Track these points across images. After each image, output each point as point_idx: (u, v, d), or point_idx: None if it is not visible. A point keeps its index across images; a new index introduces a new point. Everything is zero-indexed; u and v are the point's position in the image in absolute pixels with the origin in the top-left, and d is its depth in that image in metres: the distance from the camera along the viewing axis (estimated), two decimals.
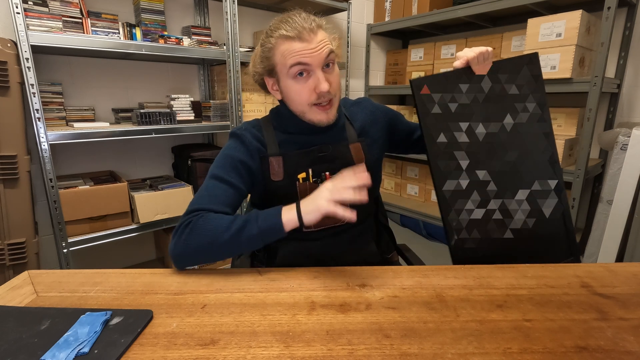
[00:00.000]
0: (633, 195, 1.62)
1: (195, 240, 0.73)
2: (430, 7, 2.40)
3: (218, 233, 0.72)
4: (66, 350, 0.51)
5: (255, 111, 2.12)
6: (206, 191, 0.81)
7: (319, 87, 0.78)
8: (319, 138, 0.88)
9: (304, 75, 0.79)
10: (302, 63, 0.77)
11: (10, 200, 1.39)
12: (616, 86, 1.94)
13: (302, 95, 0.80)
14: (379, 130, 0.97)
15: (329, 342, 0.54)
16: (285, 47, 0.78)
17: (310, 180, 0.86)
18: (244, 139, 0.87)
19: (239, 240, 0.72)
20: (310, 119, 0.83)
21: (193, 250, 0.73)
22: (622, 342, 0.55)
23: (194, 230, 0.73)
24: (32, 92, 1.37)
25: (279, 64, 0.80)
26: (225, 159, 0.85)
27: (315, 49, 0.77)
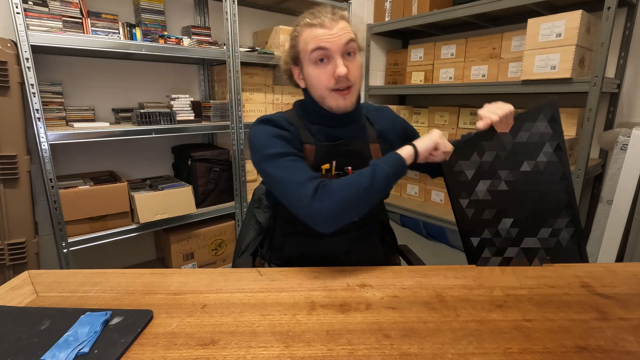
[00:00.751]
0: (633, 195, 1.62)
1: (340, 195, 0.74)
2: (430, 7, 2.40)
3: (356, 183, 0.75)
4: (66, 350, 0.51)
5: (255, 111, 2.12)
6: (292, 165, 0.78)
7: (337, 71, 0.80)
8: (342, 131, 0.90)
9: (324, 61, 0.82)
10: (322, 47, 0.80)
11: (10, 200, 1.39)
12: (616, 86, 1.94)
13: (322, 79, 0.83)
14: (396, 138, 1.00)
15: (329, 342, 0.54)
16: (308, 33, 0.82)
17: (332, 172, 0.88)
18: (279, 123, 0.86)
19: (376, 183, 0.75)
20: (329, 105, 0.85)
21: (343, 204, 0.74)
22: (622, 342, 0.55)
23: (332, 189, 0.74)
24: (32, 92, 1.37)
25: (302, 51, 0.84)
26: (276, 137, 0.82)
27: (336, 35, 0.80)
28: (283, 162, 0.79)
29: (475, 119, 2.36)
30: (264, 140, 0.82)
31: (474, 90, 2.23)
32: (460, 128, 2.45)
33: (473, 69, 2.28)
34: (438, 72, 2.47)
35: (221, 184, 2.03)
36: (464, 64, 2.32)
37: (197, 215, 1.92)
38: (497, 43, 2.17)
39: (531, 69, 1.86)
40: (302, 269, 0.78)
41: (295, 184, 0.76)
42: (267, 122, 0.86)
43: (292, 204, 0.76)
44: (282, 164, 0.79)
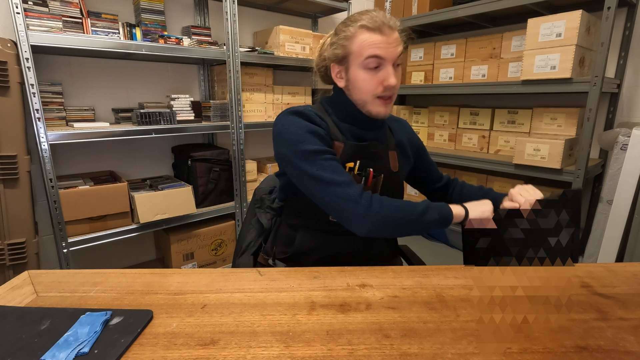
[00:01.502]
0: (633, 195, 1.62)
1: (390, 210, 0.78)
2: (430, 7, 2.40)
3: (406, 210, 0.79)
4: (66, 350, 0.51)
5: (255, 111, 2.12)
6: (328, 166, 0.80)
7: (387, 80, 0.82)
8: (369, 134, 0.92)
9: (375, 68, 0.83)
10: (379, 56, 0.81)
11: (10, 200, 1.39)
12: (616, 86, 1.94)
13: (370, 85, 0.84)
14: (411, 151, 1.03)
15: (329, 342, 0.54)
16: (365, 37, 0.81)
17: (355, 172, 0.88)
18: (312, 117, 0.85)
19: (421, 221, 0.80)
20: (369, 110, 0.87)
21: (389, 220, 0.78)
22: (622, 342, 0.55)
23: (383, 201, 0.79)
24: (32, 92, 1.37)
25: (354, 53, 0.83)
26: (312, 134, 0.82)
27: (392, 45, 0.81)
28: (320, 161, 0.80)
29: (474, 118, 2.36)
30: (297, 134, 0.81)
31: (474, 90, 2.23)
32: (460, 128, 2.45)
33: (473, 69, 2.28)
34: (438, 72, 2.47)
35: (221, 184, 2.03)
36: (464, 64, 2.32)
37: (197, 215, 1.92)
38: (497, 43, 2.17)
39: (531, 69, 1.86)
40: (302, 269, 0.78)
41: (338, 183, 0.78)
42: (299, 114, 0.85)
43: (331, 203, 0.78)
44: (319, 162, 0.80)
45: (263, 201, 1.06)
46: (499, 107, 2.27)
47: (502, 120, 2.24)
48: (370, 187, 0.90)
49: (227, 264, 2.13)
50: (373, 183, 0.90)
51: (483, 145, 2.34)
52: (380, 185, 0.91)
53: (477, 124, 2.35)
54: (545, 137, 1.91)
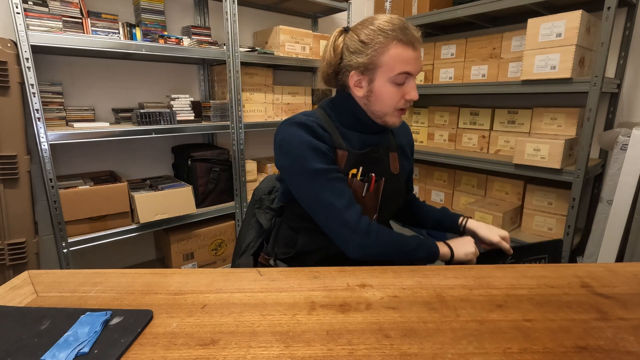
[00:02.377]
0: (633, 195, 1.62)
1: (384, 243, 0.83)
2: (430, 7, 2.40)
3: (400, 245, 0.84)
4: (66, 350, 0.51)
5: (255, 111, 2.12)
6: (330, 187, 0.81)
7: (410, 94, 0.83)
8: (373, 138, 0.92)
9: (402, 82, 0.83)
10: (410, 73, 0.82)
11: (10, 200, 1.39)
12: (616, 86, 1.94)
13: (394, 99, 0.84)
14: (410, 153, 1.05)
15: (329, 342, 0.54)
16: (399, 52, 0.80)
17: (357, 178, 0.89)
18: (315, 129, 0.83)
19: (411, 256, 0.84)
20: (386, 121, 0.88)
21: (382, 251, 0.83)
22: (622, 342, 0.55)
23: (380, 234, 0.82)
24: (32, 92, 1.37)
25: (385, 65, 0.81)
26: (316, 150, 0.81)
27: (420, 61, 0.83)
28: (322, 181, 0.80)
29: (474, 118, 2.36)
30: (299, 149, 0.81)
31: (474, 90, 2.23)
32: (460, 128, 2.45)
33: (473, 69, 2.28)
34: (438, 72, 2.46)
35: (221, 184, 2.03)
36: (464, 64, 2.32)
37: (197, 215, 1.92)
38: (497, 43, 2.17)
39: (531, 69, 1.86)
40: (302, 269, 0.78)
41: (336, 207, 0.80)
42: (302, 126, 0.82)
43: (328, 225, 0.82)
44: (321, 182, 0.80)
45: (262, 202, 1.06)
46: (499, 107, 2.27)
47: (502, 120, 2.24)
48: (372, 192, 0.90)
49: (227, 264, 2.13)
50: (375, 187, 0.91)
51: (483, 145, 2.34)
52: (381, 188, 0.91)
53: (477, 124, 2.35)
54: (545, 137, 1.91)
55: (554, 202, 2.03)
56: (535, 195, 2.11)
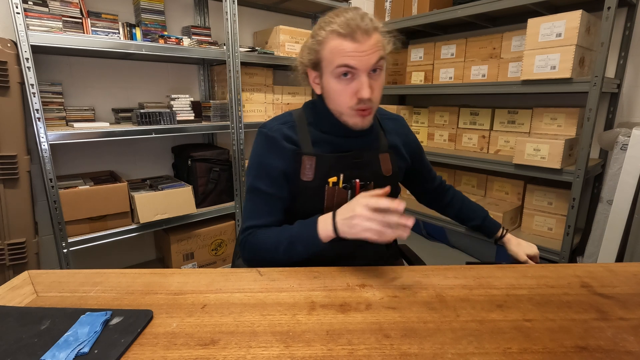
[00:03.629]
0: (633, 195, 1.62)
1: (256, 257, 0.83)
2: (430, 7, 2.40)
3: (272, 251, 0.80)
4: (66, 350, 0.51)
5: (255, 111, 2.12)
6: (251, 205, 0.86)
7: (360, 92, 0.76)
8: (353, 142, 0.87)
9: (348, 77, 0.76)
10: (349, 66, 0.75)
11: (10, 200, 1.39)
12: (616, 86, 1.94)
13: (343, 97, 0.78)
14: (407, 152, 0.98)
15: (329, 342, 0.54)
16: (336, 44, 0.75)
17: (339, 185, 0.85)
18: (275, 141, 0.84)
19: (290, 257, 0.79)
20: (346, 121, 0.82)
21: (259, 261, 0.82)
22: (622, 342, 0.55)
23: (252, 250, 0.82)
24: (32, 92, 1.37)
25: (325, 60, 0.78)
26: (259, 167, 0.85)
27: (366, 53, 0.74)
28: (250, 195, 0.86)
29: (474, 118, 2.36)
30: (254, 163, 0.86)
31: (474, 90, 2.23)
32: (460, 128, 2.45)
33: (473, 69, 2.28)
34: (438, 72, 2.47)
35: (221, 184, 2.03)
36: (464, 64, 2.32)
37: (197, 215, 1.92)
38: (497, 43, 2.17)
39: (531, 69, 1.86)
40: (302, 269, 0.78)
41: (244, 218, 0.86)
42: (265, 138, 0.85)
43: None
44: (252, 197, 0.86)
45: None
46: (499, 107, 2.27)
47: (502, 120, 2.24)
48: None
49: (227, 264, 2.13)
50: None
51: (483, 145, 2.34)
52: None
53: (477, 124, 2.35)
54: (545, 137, 1.91)
55: (554, 202, 2.03)
56: (535, 195, 2.11)
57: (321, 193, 0.85)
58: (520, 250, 1.00)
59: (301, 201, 0.86)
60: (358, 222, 0.68)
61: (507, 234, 1.06)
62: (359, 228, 0.68)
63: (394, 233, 0.67)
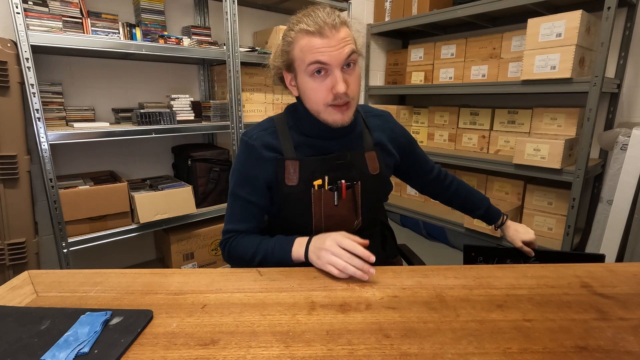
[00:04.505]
0: (633, 195, 1.62)
1: (233, 262, 0.89)
2: (430, 7, 2.40)
3: (247, 260, 0.85)
4: (66, 350, 0.51)
5: (255, 111, 2.12)
6: (231, 210, 0.90)
7: (335, 87, 0.75)
8: (336, 143, 0.86)
9: (322, 74, 0.76)
10: (321, 62, 0.74)
11: (10, 200, 1.39)
12: (616, 86, 1.94)
13: (319, 94, 0.78)
14: (395, 147, 0.97)
15: (329, 342, 0.54)
16: (305, 43, 0.75)
17: (325, 188, 0.85)
18: (255, 150, 0.85)
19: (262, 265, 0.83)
20: (325, 119, 0.81)
21: (236, 265, 0.88)
22: (622, 342, 0.55)
23: (230, 255, 0.88)
24: (32, 92, 1.37)
25: (297, 60, 0.78)
26: (240, 176, 0.88)
27: (336, 47, 0.73)
28: (233, 202, 0.89)
29: (474, 118, 2.36)
30: (235, 170, 0.89)
31: (474, 90, 2.23)
32: (460, 128, 2.45)
33: (473, 69, 2.28)
34: (438, 72, 2.47)
35: (221, 184, 2.03)
36: (464, 64, 2.32)
37: (197, 215, 1.92)
38: (497, 43, 2.17)
39: (531, 69, 1.86)
40: (302, 269, 0.78)
41: (225, 221, 0.91)
42: (246, 147, 0.86)
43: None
44: (232, 202, 0.90)
45: None
46: (499, 107, 2.27)
47: (502, 120, 2.24)
48: (347, 199, 0.87)
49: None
50: (349, 194, 0.87)
51: (483, 145, 2.34)
52: (359, 192, 0.88)
53: (477, 124, 2.35)
54: (545, 137, 1.91)
55: (554, 202, 2.04)
56: (535, 195, 2.11)
57: (307, 197, 0.85)
58: (517, 237, 1.01)
59: (288, 206, 0.87)
60: (324, 255, 0.74)
61: (507, 220, 1.07)
62: (324, 260, 0.74)
63: (354, 273, 0.71)
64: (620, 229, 1.66)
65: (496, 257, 1.03)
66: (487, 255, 1.03)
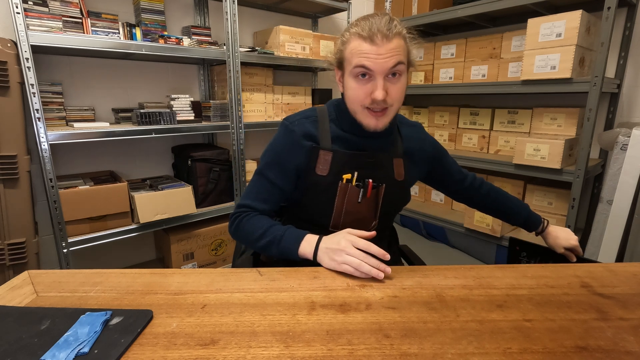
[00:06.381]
0: (633, 195, 1.62)
1: (238, 236, 0.90)
2: (430, 7, 2.40)
3: (253, 239, 0.85)
4: (66, 350, 0.51)
5: (255, 111, 2.12)
6: (253, 187, 0.91)
7: (374, 93, 0.78)
8: (369, 143, 0.89)
9: (365, 78, 0.79)
10: (365, 66, 0.77)
11: (10, 200, 1.39)
12: (616, 86, 1.94)
13: (358, 95, 0.81)
14: (423, 158, 0.99)
15: (329, 342, 0.54)
16: (355, 45, 0.78)
17: (353, 183, 0.87)
18: (294, 135, 0.87)
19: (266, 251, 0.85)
20: (360, 121, 0.84)
21: (240, 241, 0.92)
22: (622, 342, 0.55)
23: (238, 228, 0.89)
24: (32, 92, 1.37)
25: (347, 59, 0.81)
26: (272, 157, 0.90)
27: (383, 56, 0.76)
28: (258, 180, 0.90)
29: (474, 118, 2.36)
30: (269, 150, 0.90)
31: (474, 90, 2.23)
32: (460, 128, 2.45)
33: (473, 69, 2.28)
34: (438, 72, 2.47)
35: (221, 184, 2.03)
36: (464, 64, 2.32)
37: (197, 215, 1.92)
38: (497, 43, 2.17)
39: (531, 69, 1.86)
40: (302, 269, 0.78)
41: (243, 195, 0.92)
42: (286, 130, 0.88)
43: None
44: (257, 180, 0.91)
45: None
46: (499, 107, 2.27)
47: (502, 120, 2.24)
48: (370, 198, 0.88)
49: (227, 264, 2.13)
50: (373, 194, 0.88)
51: (483, 145, 2.34)
52: (382, 195, 0.89)
53: (477, 124, 2.35)
54: (545, 137, 1.91)
55: (554, 202, 2.03)
56: (535, 195, 2.11)
57: (333, 188, 0.87)
58: (557, 244, 1.01)
59: (312, 195, 0.89)
60: (339, 256, 0.74)
61: (548, 226, 1.06)
62: (340, 260, 0.74)
63: (370, 271, 0.71)
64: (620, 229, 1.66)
65: (539, 256, 1.03)
66: (531, 252, 1.03)
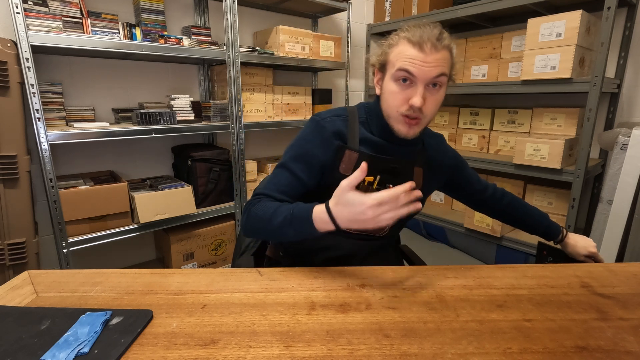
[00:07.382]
0: (633, 195, 1.62)
1: (250, 221, 0.83)
2: (430, 7, 2.40)
3: (265, 221, 0.79)
4: (66, 350, 0.51)
5: (255, 111, 2.12)
6: (273, 178, 0.88)
7: (412, 99, 0.78)
8: (396, 149, 0.89)
9: (407, 83, 0.79)
10: (409, 71, 0.77)
11: (10, 200, 1.39)
12: (616, 86, 1.94)
13: (396, 100, 0.81)
14: (441, 169, 1.00)
15: (329, 342, 0.54)
16: (403, 49, 0.79)
17: (374, 186, 0.87)
18: (323, 131, 0.86)
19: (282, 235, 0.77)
20: (392, 125, 0.84)
21: (250, 230, 0.84)
22: (622, 342, 0.55)
23: (249, 214, 0.83)
24: (32, 92, 1.37)
25: (390, 62, 0.81)
26: (299, 150, 0.87)
27: (428, 65, 0.77)
28: (281, 172, 0.87)
29: (474, 118, 2.36)
30: (297, 142, 0.88)
31: (474, 90, 2.23)
32: (460, 128, 2.45)
33: (473, 69, 2.28)
34: None
35: (221, 184, 2.03)
36: (464, 64, 2.32)
37: (197, 215, 1.92)
38: (497, 43, 2.17)
39: (531, 69, 1.86)
40: (302, 269, 0.78)
41: (261, 186, 0.88)
42: (316, 125, 0.87)
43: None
44: (279, 172, 0.87)
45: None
46: (499, 107, 2.27)
47: (502, 120, 2.24)
48: None
49: (227, 264, 2.13)
50: None
51: (483, 145, 2.34)
52: None
53: (477, 124, 2.35)
54: (545, 137, 1.91)
55: (554, 202, 2.03)
56: (535, 195, 2.11)
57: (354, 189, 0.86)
58: (576, 252, 1.02)
59: (331, 193, 0.87)
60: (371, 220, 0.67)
61: (567, 235, 1.07)
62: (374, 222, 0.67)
63: (407, 209, 0.67)
64: (620, 229, 1.66)
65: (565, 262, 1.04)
66: (557, 257, 1.04)
